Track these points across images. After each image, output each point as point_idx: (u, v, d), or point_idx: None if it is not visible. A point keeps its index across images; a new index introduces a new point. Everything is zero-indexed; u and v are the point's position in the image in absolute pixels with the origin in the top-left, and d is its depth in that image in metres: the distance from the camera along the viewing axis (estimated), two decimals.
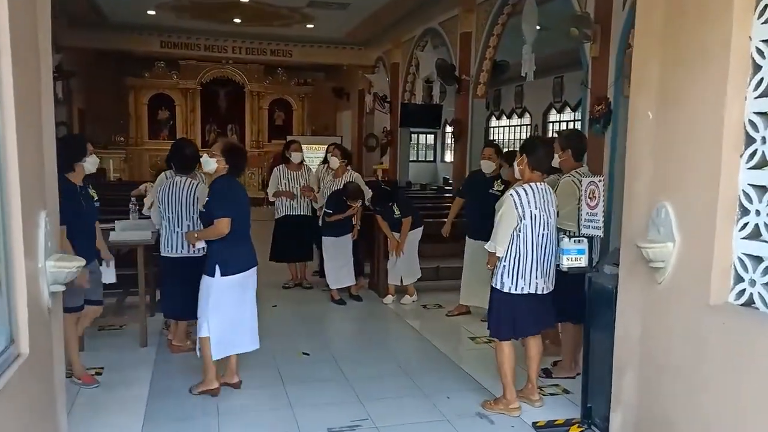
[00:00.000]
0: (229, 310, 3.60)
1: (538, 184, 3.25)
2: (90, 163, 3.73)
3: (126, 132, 15.45)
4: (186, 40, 14.15)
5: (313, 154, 15.25)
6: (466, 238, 5.38)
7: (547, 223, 3.22)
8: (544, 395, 3.58)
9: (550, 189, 3.33)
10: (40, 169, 2.20)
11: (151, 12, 12.05)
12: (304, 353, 4.39)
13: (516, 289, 3.24)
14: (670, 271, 2.39)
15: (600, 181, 2.98)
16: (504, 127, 17.92)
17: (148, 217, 4.87)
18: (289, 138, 14.52)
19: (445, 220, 7.19)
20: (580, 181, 3.41)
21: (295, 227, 6.17)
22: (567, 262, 3.00)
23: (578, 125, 13.93)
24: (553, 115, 15.32)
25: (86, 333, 4.38)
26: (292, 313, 5.57)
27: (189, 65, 15.40)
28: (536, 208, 3.17)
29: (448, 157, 19.96)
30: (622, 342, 2.71)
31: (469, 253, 5.35)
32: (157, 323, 4.85)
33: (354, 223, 5.95)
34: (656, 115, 2.48)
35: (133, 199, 5.27)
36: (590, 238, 3.06)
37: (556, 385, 3.80)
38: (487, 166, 5.10)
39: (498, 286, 3.30)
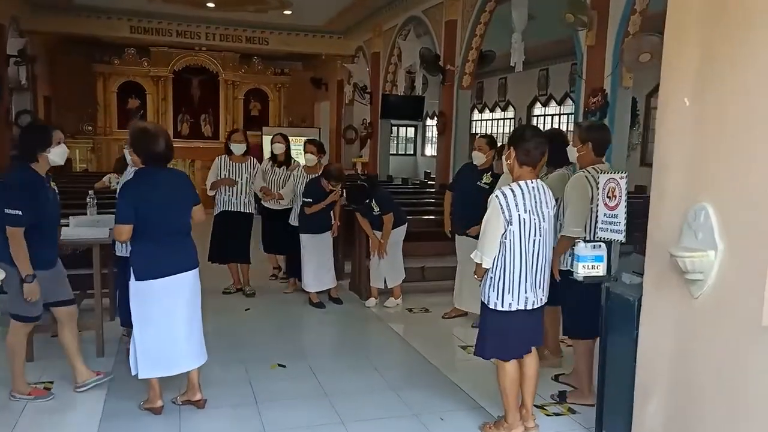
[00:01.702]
0: (154, 322, 3.13)
1: (528, 182, 2.82)
2: (56, 155, 3.28)
3: (94, 121, 14.77)
4: (157, 25, 13.52)
5: (291, 145, 14.85)
6: (456, 235, 5.03)
7: (539, 228, 2.80)
8: (547, 415, 3.24)
9: (545, 187, 2.91)
10: None
11: None
12: (279, 365, 3.97)
13: (503, 306, 2.85)
14: (711, 285, 2.05)
15: (622, 178, 2.62)
16: (487, 120, 17.63)
17: (109, 213, 4.42)
18: (265, 131, 14.18)
19: (431, 217, 6.92)
20: (596, 179, 3.07)
21: (233, 225, 5.57)
22: (583, 271, 2.63)
23: (566, 119, 13.78)
24: (538, 109, 15.06)
25: (37, 341, 3.94)
26: (266, 318, 5.14)
27: (160, 52, 14.77)
28: (525, 211, 2.76)
29: (428, 150, 19.63)
30: (646, 362, 2.37)
31: (458, 251, 5.01)
32: (117, 329, 4.39)
33: (334, 221, 5.54)
34: (694, 103, 2.13)
35: (90, 192, 4.78)
36: (609, 243, 2.71)
37: (557, 402, 3.46)
38: (478, 158, 4.74)
39: (485, 300, 2.92)
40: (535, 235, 2.80)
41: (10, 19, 10.82)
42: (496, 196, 2.82)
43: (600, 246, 2.66)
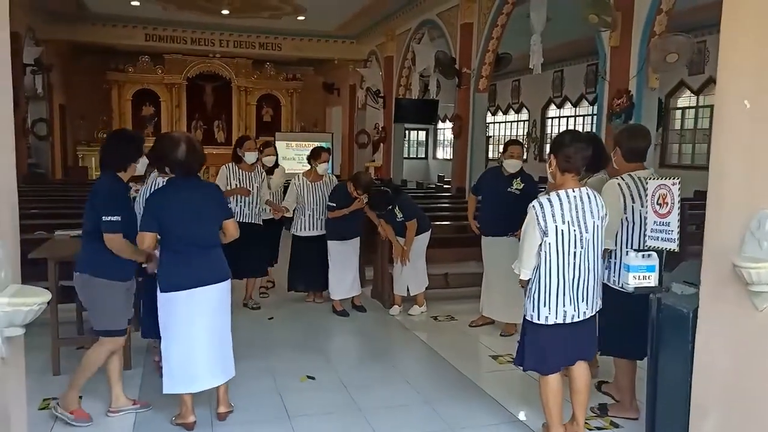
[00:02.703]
0: (178, 335, 3.07)
1: (570, 190, 2.71)
2: (142, 164, 3.29)
3: (109, 128, 14.81)
4: (172, 33, 13.59)
5: (303, 151, 14.83)
6: (482, 237, 4.94)
7: (580, 239, 2.69)
8: (589, 429, 3.13)
9: (593, 195, 2.78)
10: None
11: (135, 3, 11.48)
12: (308, 377, 3.90)
13: (538, 319, 2.76)
14: None
15: (674, 184, 2.53)
16: (500, 123, 17.53)
17: None
18: (278, 136, 14.16)
19: (449, 222, 6.84)
20: (630, 187, 2.98)
21: (248, 237, 5.33)
22: (634, 281, 2.54)
23: (582, 121, 13.64)
24: (553, 111, 14.96)
25: (63, 353, 3.90)
26: (290, 327, 5.08)
27: (174, 59, 14.84)
28: (563, 222, 2.66)
29: (440, 153, 19.55)
30: (704, 377, 2.27)
31: (485, 255, 4.93)
32: (144, 340, 4.34)
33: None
34: (754, 104, 2.04)
35: None
36: (660, 252, 2.62)
37: (598, 415, 3.35)
38: (514, 165, 4.64)
39: (523, 311, 2.86)
40: (575, 247, 2.70)
41: (26, 29, 10.90)
42: (533, 206, 2.74)
43: (651, 255, 2.57)
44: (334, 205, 5.19)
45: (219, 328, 3.17)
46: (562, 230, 2.68)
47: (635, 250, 2.67)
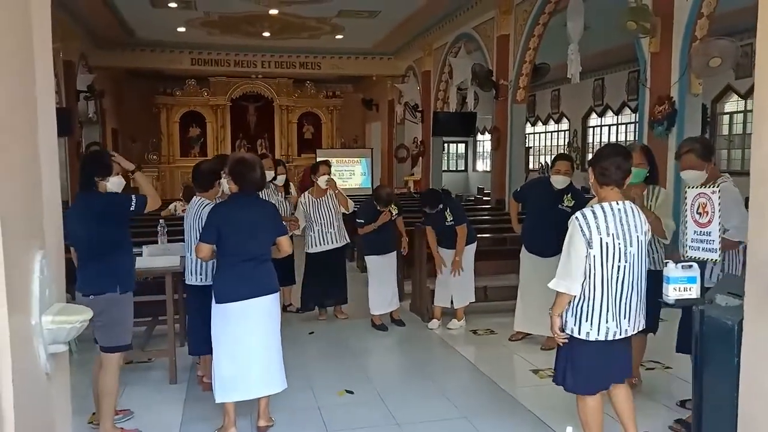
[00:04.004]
0: (230, 345, 3.18)
1: (613, 203, 2.67)
2: (113, 184, 3.34)
3: (158, 150, 15.39)
4: (216, 56, 14.04)
5: (343, 167, 15.03)
6: (522, 250, 4.86)
7: (625, 253, 2.62)
8: None
9: (636, 209, 2.72)
10: (33, 197, 1.70)
11: (181, 29, 11.92)
12: (347, 391, 3.93)
13: (579, 334, 2.70)
14: None
15: (714, 192, 2.45)
16: (540, 133, 17.31)
17: (178, 240, 4.55)
18: (319, 153, 14.35)
19: (488, 235, 6.76)
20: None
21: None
22: (674, 293, 2.46)
23: (625, 129, 13.33)
24: (594, 120, 14.68)
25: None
26: (330, 342, 5.12)
27: (219, 81, 15.31)
28: (608, 234, 2.60)
29: (480, 165, 19.42)
30: (750, 394, 2.17)
31: (524, 269, 4.84)
32: (188, 355, 4.46)
33: (402, 234, 5.45)
34: None
35: (161, 221, 4.92)
36: (701, 263, 2.53)
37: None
38: (562, 182, 4.54)
39: (566, 330, 2.77)
40: (619, 261, 2.63)
41: (78, 56, 11.47)
42: (575, 218, 2.68)
43: (692, 266, 2.49)
44: (363, 221, 5.25)
45: (271, 338, 3.27)
46: (607, 243, 2.62)
47: (675, 261, 2.59)
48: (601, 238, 2.62)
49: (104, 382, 3.23)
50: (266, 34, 12.32)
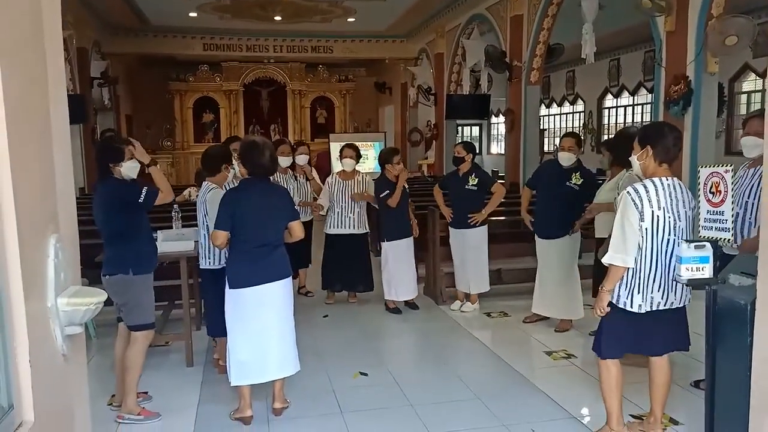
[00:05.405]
0: (246, 330, 3.21)
1: (663, 179, 2.69)
2: (127, 168, 3.38)
3: (172, 136, 15.49)
4: (228, 41, 14.04)
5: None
6: (536, 237, 4.86)
7: (674, 227, 2.66)
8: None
9: (683, 186, 2.75)
10: (47, 182, 1.74)
11: (193, 14, 11.92)
12: (361, 373, 3.97)
13: (632, 306, 2.72)
14: None
15: (727, 171, 2.42)
16: (555, 115, 17.12)
17: (192, 224, 4.60)
18: (332, 138, 14.33)
19: (503, 218, 6.74)
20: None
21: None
22: (687, 273, 2.45)
23: (641, 110, 13.14)
24: (609, 100, 14.48)
25: None
26: (344, 325, 5.16)
27: (232, 67, 15.30)
28: (659, 208, 2.63)
29: (494, 148, 19.28)
30: (763, 373, 2.16)
31: (540, 252, 4.84)
32: (204, 339, 4.54)
33: (411, 221, 5.47)
34: None
35: (175, 206, 4.97)
36: (714, 243, 2.51)
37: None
38: (567, 159, 4.56)
39: (614, 300, 2.77)
40: (669, 234, 2.66)
41: (92, 44, 11.53)
42: (628, 192, 2.69)
43: (704, 246, 2.47)
44: (387, 192, 5.25)
45: (286, 321, 3.31)
46: (658, 216, 2.64)
47: (688, 240, 2.57)
48: (653, 211, 2.64)
49: (131, 355, 3.35)
50: (278, 18, 12.27)
